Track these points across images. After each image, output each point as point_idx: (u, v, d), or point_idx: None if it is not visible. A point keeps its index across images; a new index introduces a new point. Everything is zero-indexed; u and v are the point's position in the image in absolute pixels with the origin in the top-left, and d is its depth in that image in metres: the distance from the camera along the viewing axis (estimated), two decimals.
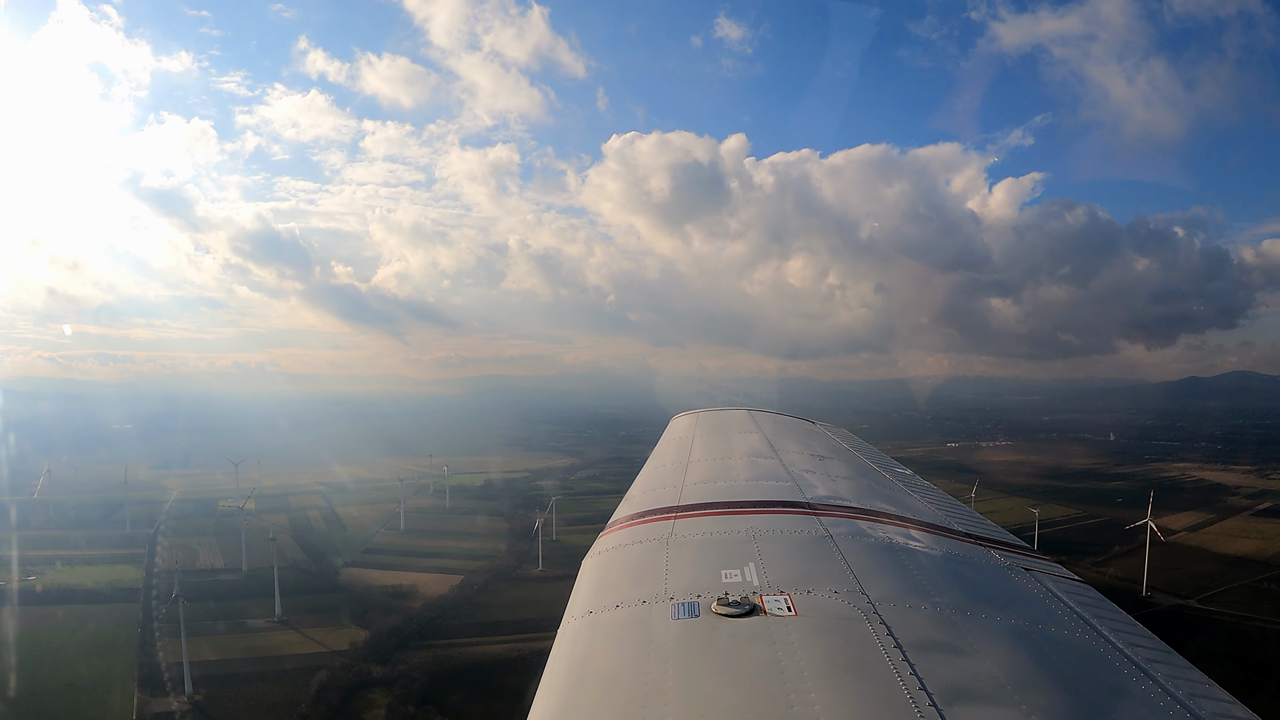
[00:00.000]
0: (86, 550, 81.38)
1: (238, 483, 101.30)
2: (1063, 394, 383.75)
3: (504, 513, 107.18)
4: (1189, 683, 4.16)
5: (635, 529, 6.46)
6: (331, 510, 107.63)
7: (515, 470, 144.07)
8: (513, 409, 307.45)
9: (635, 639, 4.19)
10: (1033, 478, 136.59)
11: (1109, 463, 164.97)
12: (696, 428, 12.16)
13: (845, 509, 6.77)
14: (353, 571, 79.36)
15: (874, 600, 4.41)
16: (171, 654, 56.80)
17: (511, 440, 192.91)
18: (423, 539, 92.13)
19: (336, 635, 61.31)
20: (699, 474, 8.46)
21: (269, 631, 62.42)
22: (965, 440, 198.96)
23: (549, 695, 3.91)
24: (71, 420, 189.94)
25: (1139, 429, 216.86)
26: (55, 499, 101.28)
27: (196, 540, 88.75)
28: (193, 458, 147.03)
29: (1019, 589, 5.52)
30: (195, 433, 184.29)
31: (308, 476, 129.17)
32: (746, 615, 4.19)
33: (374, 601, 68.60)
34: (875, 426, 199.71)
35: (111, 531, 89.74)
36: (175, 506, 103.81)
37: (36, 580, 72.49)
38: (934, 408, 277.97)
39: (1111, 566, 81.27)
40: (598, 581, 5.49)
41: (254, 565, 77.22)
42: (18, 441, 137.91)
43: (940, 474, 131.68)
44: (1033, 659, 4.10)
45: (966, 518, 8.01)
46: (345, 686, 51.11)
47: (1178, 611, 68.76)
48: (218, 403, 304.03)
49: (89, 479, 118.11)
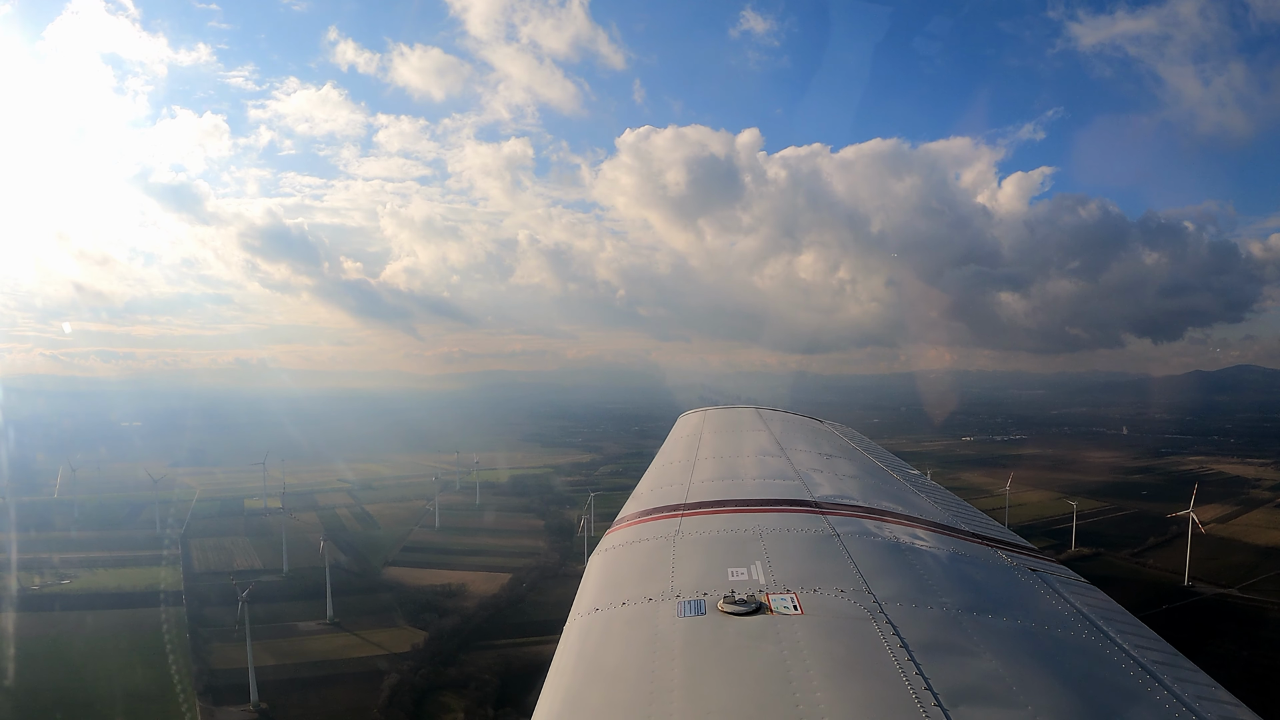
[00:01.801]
0: (118, 552, 78.92)
1: (264, 481, 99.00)
2: (1066, 388, 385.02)
3: (536, 509, 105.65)
4: (1195, 685, 4.11)
5: (642, 526, 6.44)
6: (361, 508, 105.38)
7: (537, 466, 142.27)
8: (519, 404, 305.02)
9: (642, 636, 4.19)
10: (1055, 471, 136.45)
11: (1126, 456, 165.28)
12: (704, 426, 12.13)
13: (852, 508, 6.75)
14: (395, 570, 77.54)
15: (880, 600, 4.40)
16: (225, 659, 54.97)
17: (525, 436, 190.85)
18: (459, 536, 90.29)
19: (393, 636, 59.56)
20: (706, 472, 8.44)
21: (322, 634, 60.49)
22: (980, 435, 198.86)
23: (555, 691, 3.86)
24: (78, 418, 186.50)
25: (1150, 423, 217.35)
26: (79, 498, 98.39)
27: (229, 540, 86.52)
28: (208, 455, 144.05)
29: (1026, 590, 5.50)
30: (206, 430, 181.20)
31: (328, 474, 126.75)
32: (753, 614, 4.18)
33: (424, 601, 66.82)
34: (886, 421, 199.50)
35: (140, 532, 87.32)
36: (199, 505, 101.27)
37: (72, 583, 70.21)
38: (941, 402, 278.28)
39: (1150, 558, 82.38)
40: (604, 578, 5.49)
41: (294, 566, 75.33)
42: (28, 440, 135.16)
43: (962, 468, 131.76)
44: (1039, 660, 4.09)
45: (973, 518, 7.95)
46: (417, 690, 49.40)
47: (1222, 601, 69.34)
48: (224, 399, 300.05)
49: (107, 478, 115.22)
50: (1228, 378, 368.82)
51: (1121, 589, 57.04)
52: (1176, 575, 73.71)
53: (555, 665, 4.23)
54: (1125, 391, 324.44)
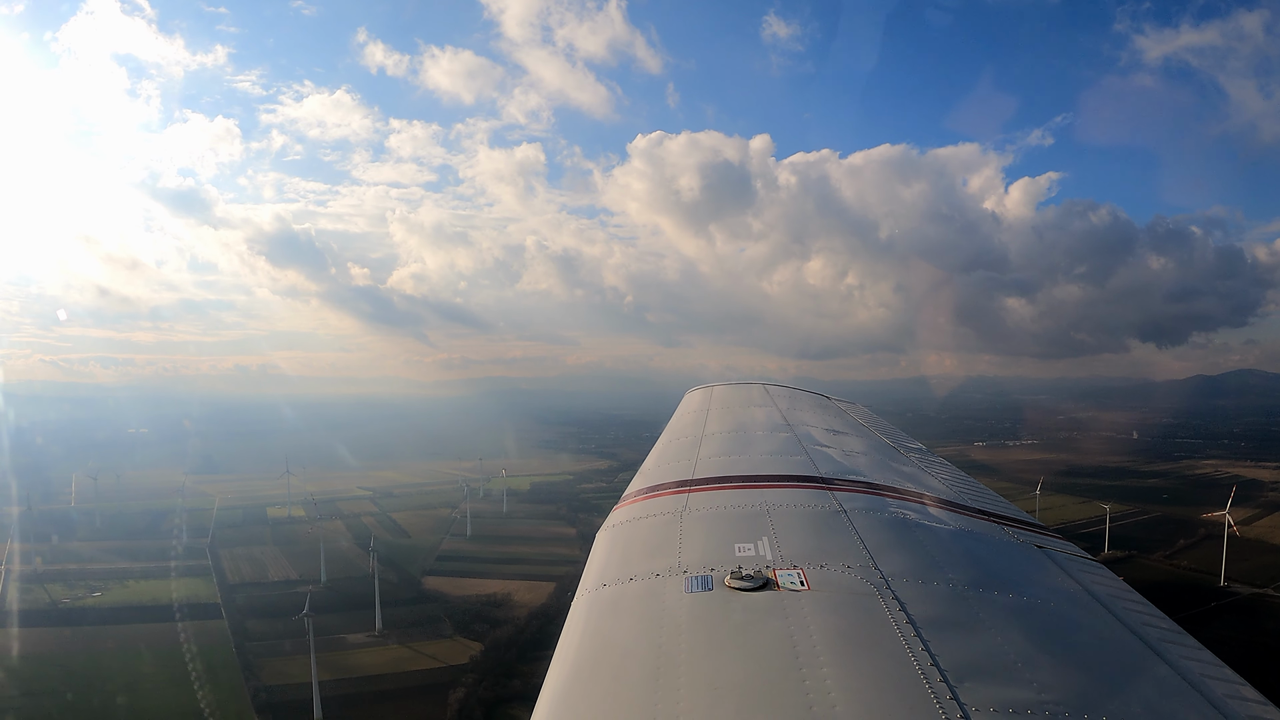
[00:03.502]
0: (146, 563, 76.53)
1: (288, 489, 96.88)
2: (1068, 393, 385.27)
3: (564, 517, 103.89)
4: (1200, 663, 4.10)
5: (649, 502, 6.37)
6: (387, 516, 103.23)
7: (555, 473, 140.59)
8: (524, 411, 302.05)
9: (649, 612, 4.12)
10: (1072, 476, 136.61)
11: (1140, 460, 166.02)
12: (711, 402, 11.88)
13: (859, 484, 6.67)
14: (434, 580, 75.63)
15: (887, 575, 4.34)
16: (277, 675, 53.13)
17: (537, 443, 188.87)
18: (492, 545, 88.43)
19: (447, 649, 57.82)
20: (713, 448, 8.30)
21: (373, 647, 58.59)
22: (991, 440, 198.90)
23: (562, 668, 3.81)
24: (83, 425, 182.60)
25: (1158, 427, 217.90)
26: (99, 507, 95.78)
27: (258, 550, 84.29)
28: (220, 462, 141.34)
29: (1032, 566, 5.44)
30: (213, 437, 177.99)
31: (346, 481, 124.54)
32: (760, 589, 4.11)
33: (473, 611, 65.05)
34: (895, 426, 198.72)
35: (165, 542, 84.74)
36: (221, 514, 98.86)
37: (103, 596, 67.93)
38: (947, 407, 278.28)
39: (1183, 559, 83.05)
40: (611, 554, 5.35)
41: (331, 576, 73.34)
42: (36, 447, 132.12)
43: (978, 473, 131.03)
44: (1045, 636, 4.06)
45: (980, 494, 7.86)
46: (484, 703, 47.70)
47: (1260, 599, 69.72)
48: (226, 406, 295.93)
49: (126, 486, 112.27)
50: (1230, 382, 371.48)
51: (1161, 590, 57.14)
52: (1210, 576, 74.05)
53: (563, 642, 4.11)
54: (1128, 396, 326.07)
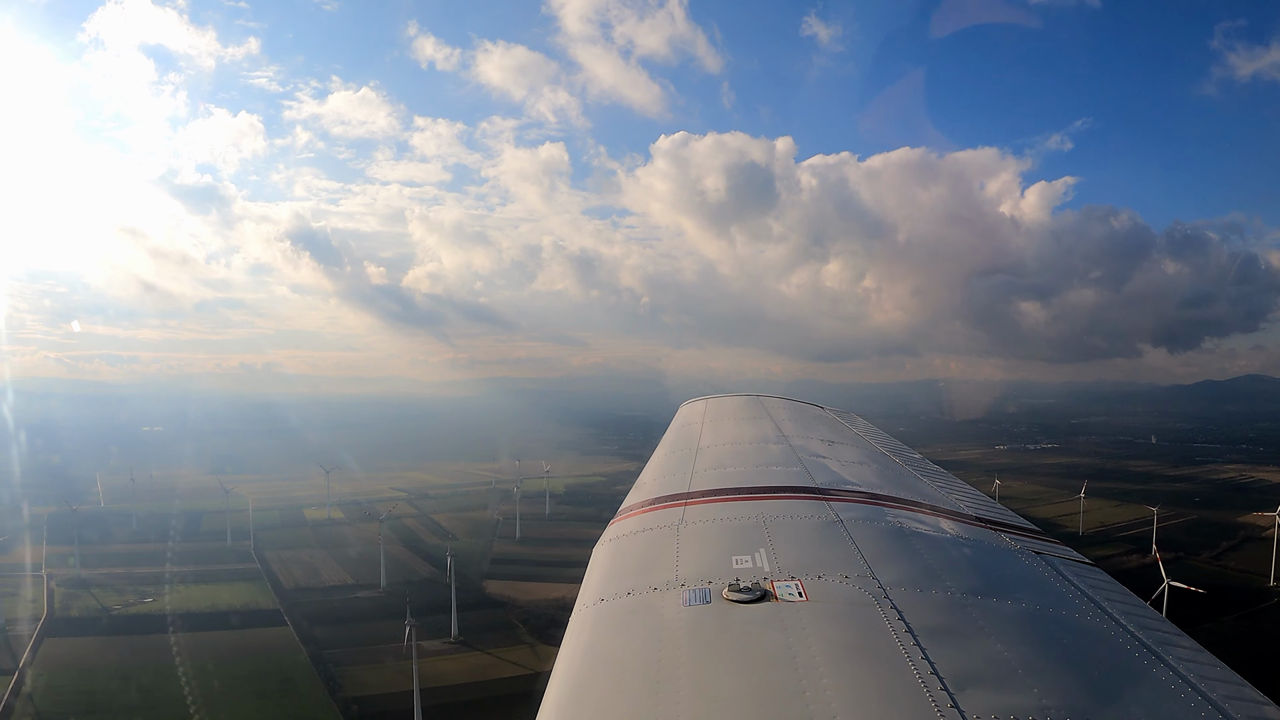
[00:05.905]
0: (192, 566, 73.66)
1: (327, 490, 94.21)
2: (1076, 397, 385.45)
3: (605, 520, 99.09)
4: (1200, 665, 4.09)
5: (646, 516, 6.36)
6: (429, 518, 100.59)
7: (586, 475, 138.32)
8: (538, 411, 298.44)
9: (647, 626, 4.12)
10: (1100, 480, 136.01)
11: (1164, 464, 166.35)
12: (706, 414, 12.07)
13: (856, 494, 6.68)
14: (494, 584, 73.24)
15: (885, 585, 4.33)
16: (359, 685, 50.90)
17: (560, 444, 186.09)
18: (544, 548, 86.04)
19: (528, 655, 55.50)
20: (709, 460, 8.34)
21: (452, 654, 56.13)
22: (1012, 444, 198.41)
23: (562, 683, 3.79)
24: (94, 423, 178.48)
25: (1174, 431, 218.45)
26: (133, 508, 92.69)
27: (305, 553, 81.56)
28: (245, 463, 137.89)
29: (1030, 573, 5.38)
30: (230, 436, 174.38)
31: (378, 483, 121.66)
32: (758, 601, 4.11)
33: (545, 616, 62.67)
34: (914, 430, 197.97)
35: (209, 544, 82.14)
36: (258, 515, 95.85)
37: (154, 602, 65.11)
38: (961, 410, 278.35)
39: (1229, 560, 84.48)
40: (609, 569, 5.34)
41: (390, 580, 70.85)
42: (52, 446, 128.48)
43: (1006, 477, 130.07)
44: (1045, 642, 4.07)
45: (977, 502, 7.87)
46: None
47: None
48: (236, 405, 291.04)
49: (156, 485, 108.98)
50: (1238, 387, 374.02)
51: (1214, 590, 58.39)
52: (1258, 576, 75.00)
53: (561, 656, 4.05)
54: (1137, 400, 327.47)
